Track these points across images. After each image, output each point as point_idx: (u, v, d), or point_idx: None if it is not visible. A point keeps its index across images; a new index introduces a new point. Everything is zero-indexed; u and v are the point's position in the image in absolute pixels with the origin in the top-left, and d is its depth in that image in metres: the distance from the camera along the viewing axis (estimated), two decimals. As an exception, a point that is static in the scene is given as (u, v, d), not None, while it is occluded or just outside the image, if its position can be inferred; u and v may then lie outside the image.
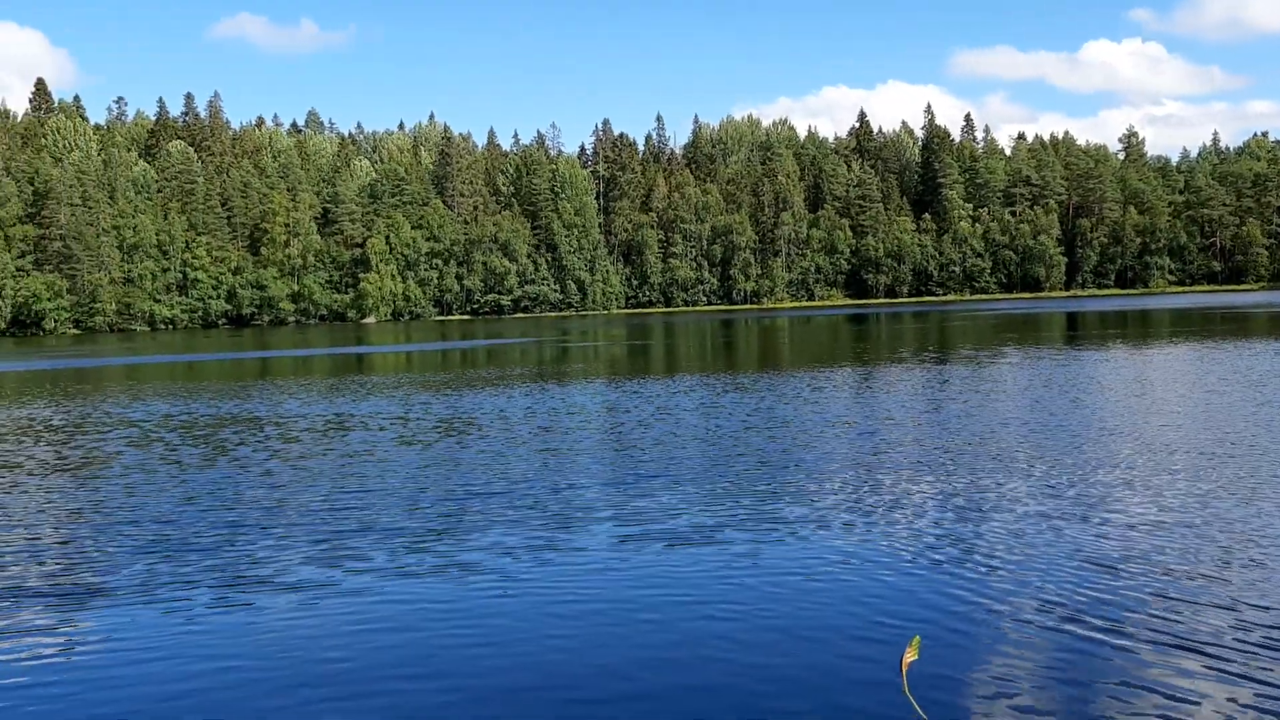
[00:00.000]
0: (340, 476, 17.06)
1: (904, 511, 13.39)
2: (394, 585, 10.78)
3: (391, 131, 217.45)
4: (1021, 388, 28.20)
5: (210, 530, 13.40)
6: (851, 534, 12.32)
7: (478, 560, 11.59)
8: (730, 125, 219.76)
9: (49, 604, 10.58)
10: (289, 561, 11.76)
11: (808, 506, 13.85)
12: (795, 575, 10.72)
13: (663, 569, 11.12)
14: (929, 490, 14.68)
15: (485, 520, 13.54)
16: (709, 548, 11.88)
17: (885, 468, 16.54)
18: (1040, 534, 11.97)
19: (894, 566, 10.93)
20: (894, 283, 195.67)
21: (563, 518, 13.56)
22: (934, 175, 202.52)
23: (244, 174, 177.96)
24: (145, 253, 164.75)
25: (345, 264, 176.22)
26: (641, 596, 10.19)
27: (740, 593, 10.19)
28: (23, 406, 32.97)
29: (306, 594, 10.52)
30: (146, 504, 15.38)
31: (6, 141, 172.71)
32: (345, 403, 30.43)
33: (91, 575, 11.54)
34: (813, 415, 23.40)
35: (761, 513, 13.56)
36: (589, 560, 11.51)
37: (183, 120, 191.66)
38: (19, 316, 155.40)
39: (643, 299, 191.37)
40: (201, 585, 10.94)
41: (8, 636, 9.60)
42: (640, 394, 30.15)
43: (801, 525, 12.81)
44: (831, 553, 11.53)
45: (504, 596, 10.30)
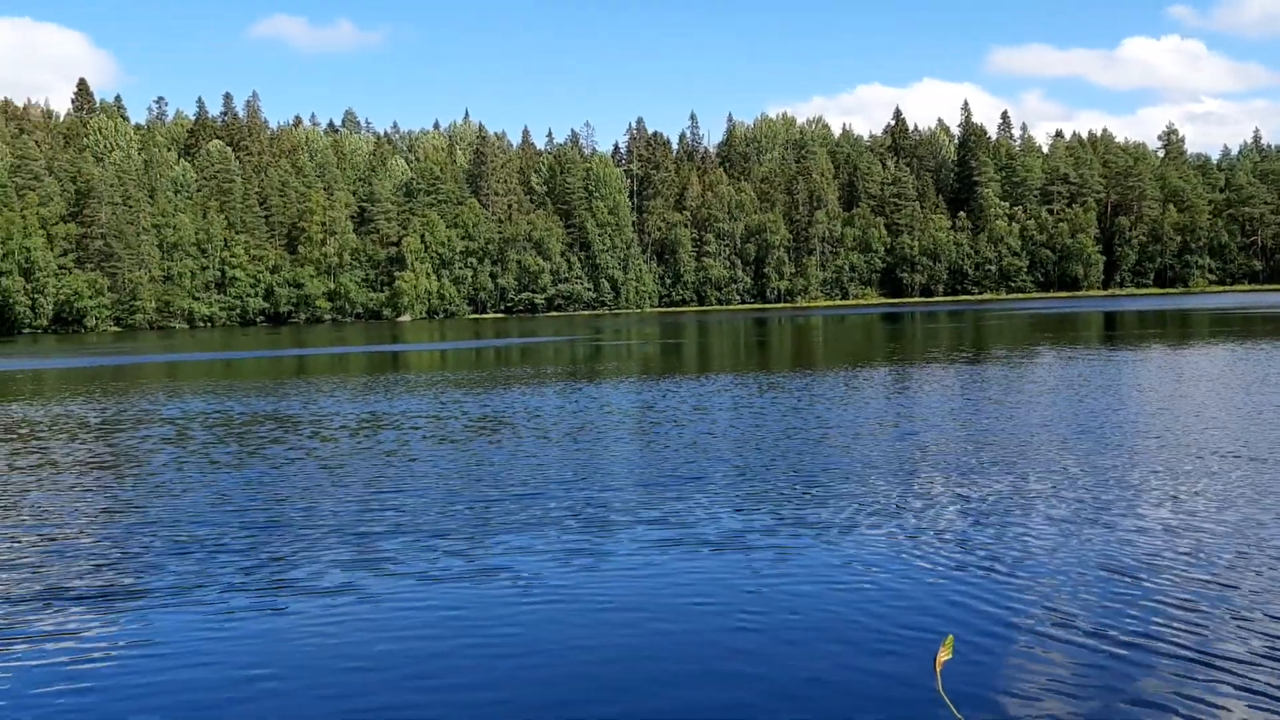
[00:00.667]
0: (374, 477, 17.08)
1: (937, 513, 13.38)
2: (424, 589, 10.69)
3: (427, 131, 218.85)
4: (1057, 389, 28.02)
5: (243, 531, 13.39)
6: (884, 536, 12.32)
7: (508, 565, 11.47)
8: (764, 123, 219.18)
9: (79, 606, 10.54)
10: (320, 564, 11.69)
11: (841, 508, 13.84)
12: (828, 577, 10.75)
13: (695, 573, 11.01)
14: (962, 493, 14.64)
15: (517, 523, 13.44)
16: (741, 550, 11.81)
17: (918, 470, 16.52)
18: (1075, 537, 11.94)
19: (928, 568, 10.94)
20: (929, 281, 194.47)
21: (594, 521, 13.47)
22: (970, 173, 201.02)
23: (281, 173, 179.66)
24: (184, 251, 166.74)
25: (381, 262, 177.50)
26: (674, 602, 10.08)
27: (773, 595, 10.19)
28: (61, 403, 33.52)
29: (337, 598, 10.45)
30: (180, 504, 15.44)
31: (49, 141, 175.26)
32: (380, 401, 30.72)
33: (123, 576, 11.54)
34: (846, 416, 23.37)
35: (794, 515, 13.51)
36: (621, 565, 11.40)
37: (221, 120, 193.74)
38: (61, 314, 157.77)
39: (676, 298, 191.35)
40: (232, 588, 10.91)
41: (33, 639, 9.61)
42: (673, 393, 30.22)
43: (834, 527, 12.81)
44: (864, 554, 11.54)
45: (535, 603, 10.17)
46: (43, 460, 20.64)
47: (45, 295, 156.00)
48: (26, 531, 13.93)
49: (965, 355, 42.98)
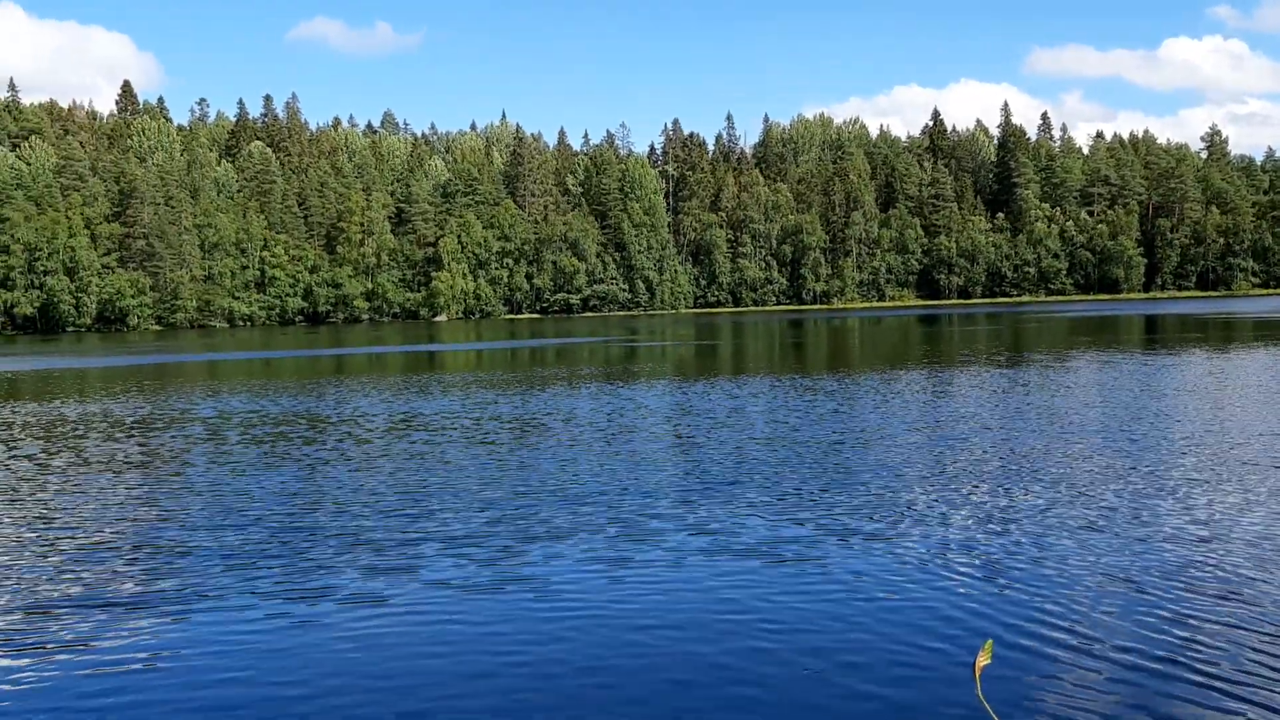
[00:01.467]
0: (407, 481, 17.06)
1: (974, 520, 13.32)
2: (455, 600, 10.52)
3: (464, 132, 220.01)
4: (1095, 395, 27.79)
5: (274, 537, 13.29)
6: (922, 541, 12.28)
7: (541, 575, 11.29)
8: (801, 124, 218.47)
9: (104, 612, 10.41)
10: (351, 573, 11.53)
11: (876, 514, 13.81)
12: (866, 582, 10.76)
13: (731, 582, 10.84)
14: (1000, 499, 14.57)
15: (550, 531, 13.23)
16: (777, 558, 11.74)
17: (954, 476, 16.46)
18: (1114, 545, 11.87)
19: (966, 574, 10.93)
20: (967, 283, 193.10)
21: (628, 529, 13.29)
22: (1009, 174, 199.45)
23: (321, 174, 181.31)
24: (225, 251, 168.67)
25: (418, 263, 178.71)
26: (709, 612, 9.95)
27: (809, 600, 10.18)
28: (101, 402, 34.05)
29: (367, 608, 10.30)
30: (212, 507, 15.35)
31: (94, 142, 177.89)
32: (416, 402, 30.96)
33: (153, 582, 11.42)
34: (881, 421, 23.31)
35: (830, 522, 13.46)
36: (654, 575, 11.23)
37: (262, 121, 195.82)
38: (104, 313, 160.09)
39: (711, 299, 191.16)
40: (261, 596, 10.77)
41: (57, 645, 9.54)
42: (708, 396, 30.23)
43: (870, 532, 12.79)
44: (901, 559, 11.53)
45: (568, 614, 9.99)
46: (78, 460, 20.92)
47: (89, 294, 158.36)
48: (60, 533, 14.01)
49: (1003, 359, 42.67)
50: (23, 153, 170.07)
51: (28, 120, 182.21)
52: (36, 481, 18.17)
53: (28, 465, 20.19)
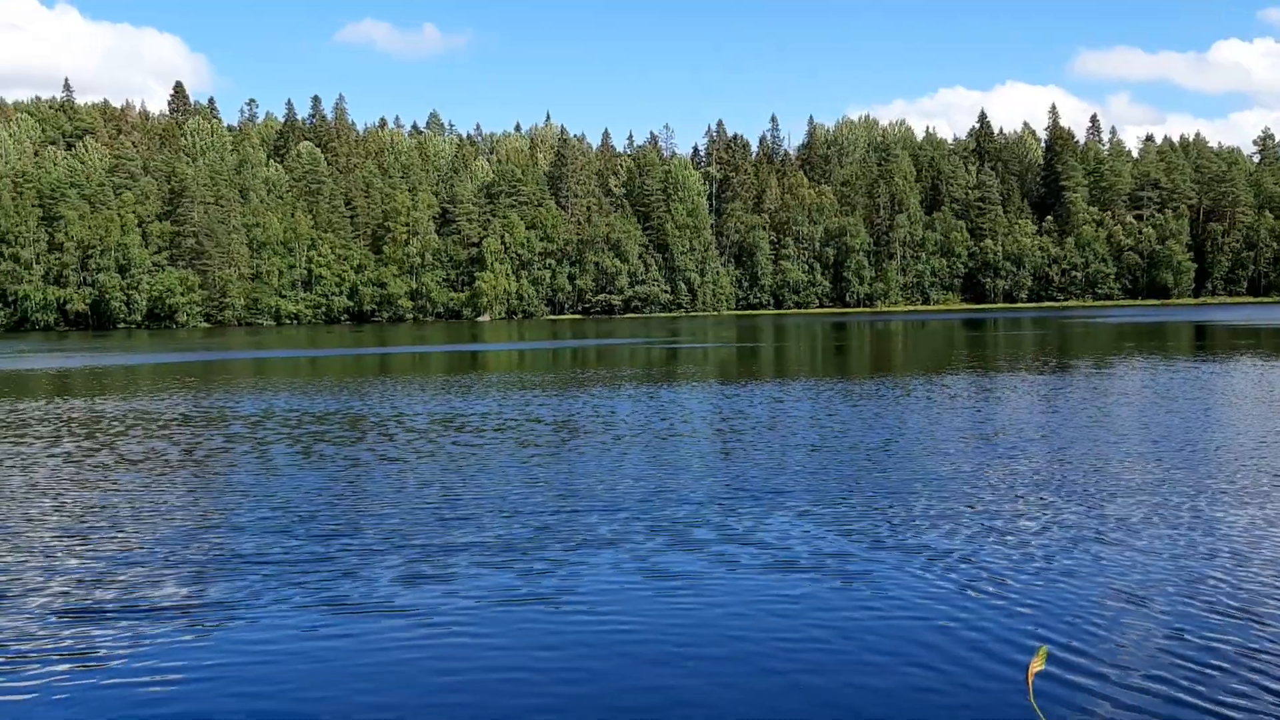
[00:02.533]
0: (447, 485, 16.89)
1: (1025, 528, 13.24)
2: (492, 609, 10.36)
3: (509, 133, 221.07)
4: (1143, 403, 27.47)
5: (310, 542, 13.13)
6: (970, 549, 12.22)
7: (577, 586, 11.11)
8: (846, 126, 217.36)
9: (141, 618, 10.31)
10: (387, 580, 11.39)
11: (923, 522, 13.72)
12: (913, 589, 10.76)
13: (775, 593, 10.70)
14: (1048, 507, 14.46)
15: (589, 539, 13.04)
16: (822, 568, 11.55)
17: (1000, 483, 16.35)
18: (1166, 553, 11.83)
19: (1015, 582, 10.94)
20: (1013, 287, 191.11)
21: (670, 537, 13.08)
22: (1056, 177, 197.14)
23: (367, 174, 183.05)
24: (273, 250, 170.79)
25: (462, 263, 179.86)
26: (754, 623, 9.80)
27: (857, 607, 10.12)
28: (148, 399, 34.62)
29: (402, 617, 10.15)
30: (253, 509, 15.32)
31: (146, 142, 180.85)
32: (458, 402, 31.21)
33: (190, 588, 11.31)
34: (926, 427, 23.19)
35: (874, 530, 13.33)
36: (697, 586, 11.01)
37: (309, 122, 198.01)
38: (154, 310, 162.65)
39: (753, 301, 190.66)
40: (297, 604, 10.62)
41: (82, 655, 9.43)
42: (750, 400, 30.21)
43: (917, 541, 12.66)
44: (950, 568, 11.52)
45: (605, 627, 9.79)
46: (119, 458, 21.16)
47: (140, 291, 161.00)
48: (97, 534, 13.93)
49: (1049, 365, 42.24)
50: (77, 152, 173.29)
51: (82, 120, 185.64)
52: (76, 480, 18.38)
53: (72, 463, 20.50)
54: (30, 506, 15.92)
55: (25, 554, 12.89)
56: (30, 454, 21.68)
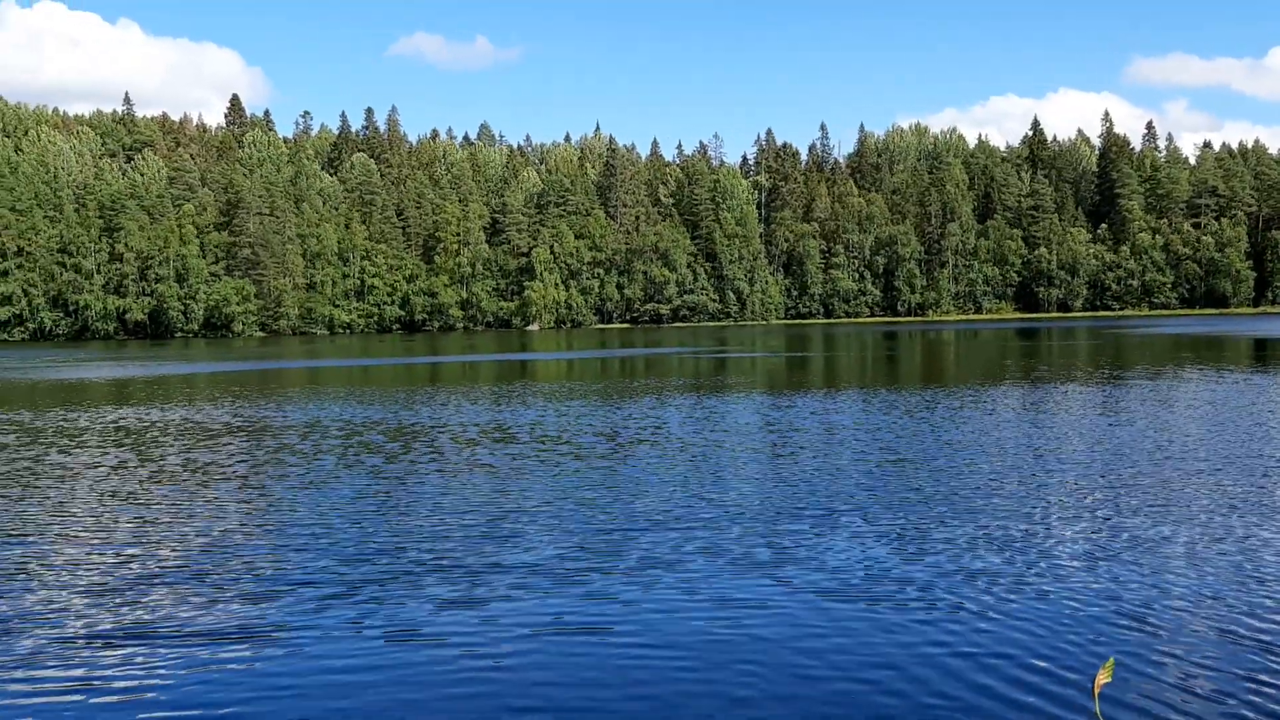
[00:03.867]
0: (496, 501, 16.59)
1: (1085, 541, 13.12)
2: (536, 634, 10.04)
3: (558, 143, 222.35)
4: (1204, 415, 27.03)
5: (355, 559, 12.93)
6: (1030, 566, 12.07)
7: (628, 611, 10.69)
8: (896, 134, 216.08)
9: (186, 639, 10.10)
10: (431, 601, 11.11)
11: (980, 538, 13.55)
12: (975, 601, 10.75)
13: (833, 616, 10.38)
14: (1107, 520, 14.30)
15: (638, 559, 12.65)
16: (879, 590, 11.22)
17: (1057, 498, 16.17)
18: (1232, 569, 11.70)
19: (1080, 595, 10.93)
20: (1067, 296, 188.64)
21: (721, 558, 12.63)
22: (1111, 185, 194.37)
23: (419, 185, 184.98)
24: (327, 260, 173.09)
25: (511, 272, 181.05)
26: (811, 653, 9.44)
27: (917, 633, 9.89)
28: (198, 408, 35.25)
29: (441, 644, 9.84)
30: (298, 524, 15.10)
31: (203, 154, 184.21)
32: (506, 412, 31.42)
33: (233, 608, 11.07)
34: (980, 440, 22.98)
35: (931, 548, 13.07)
36: (751, 612, 10.59)
37: (363, 134, 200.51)
38: (211, 319, 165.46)
39: (802, 310, 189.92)
40: (337, 626, 10.39)
41: (111, 675, 9.28)
42: (801, 411, 30.11)
43: (975, 558, 12.49)
44: (1012, 579, 11.48)
45: (653, 657, 9.39)
46: (163, 471, 21.27)
47: (197, 301, 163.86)
48: (132, 551, 13.75)
49: (1104, 376, 41.66)
50: (137, 164, 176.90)
51: (141, 133, 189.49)
52: (119, 493, 18.35)
53: (116, 475, 20.67)
54: (70, 520, 15.80)
55: (64, 570, 12.72)
56: (70, 464, 22.09)
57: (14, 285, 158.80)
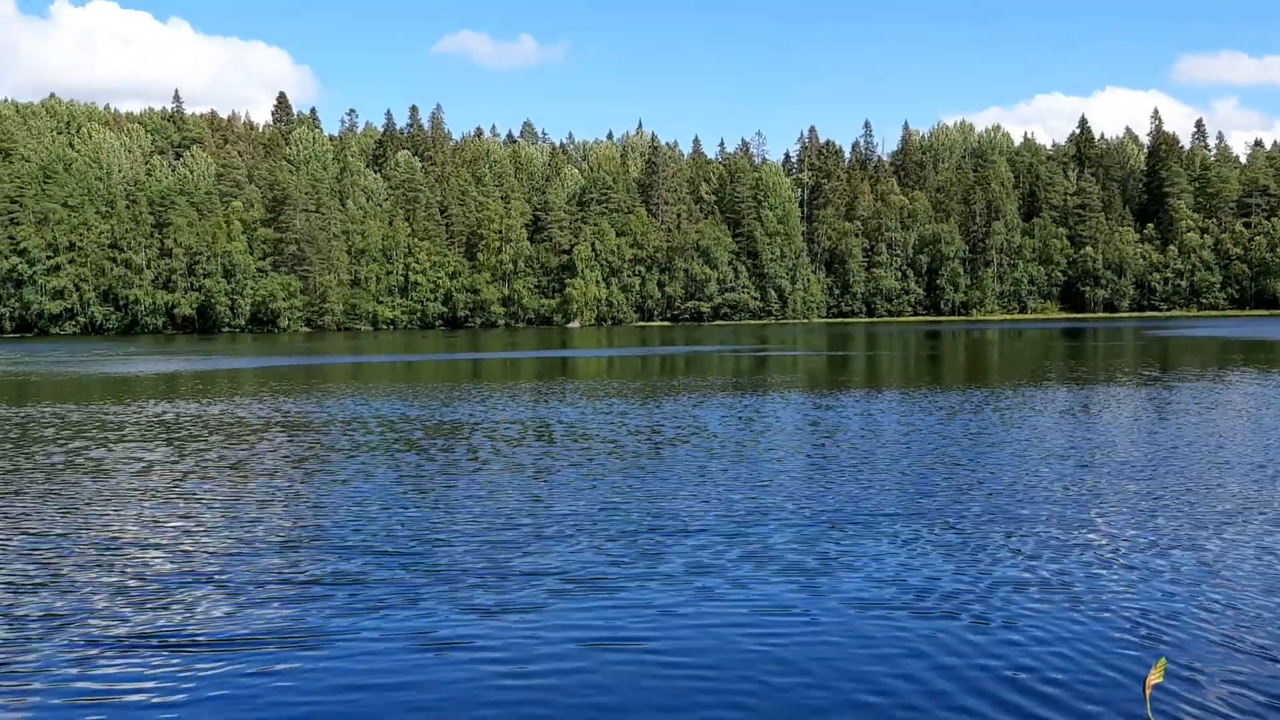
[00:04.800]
0: (533, 502, 16.35)
1: (1135, 547, 13.01)
2: (569, 646, 9.64)
3: (600, 141, 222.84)
4: (1258, 419, 26.70)
5: (388, 562, 12.62)
6: (1081, 570, 11.97)
7: (667, 622, 10.24)
8: (941, 132, 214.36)
9: (221, 644, 9.79)
10: (463, 606, 10.78)
11: (1031, 545, 13.35)
12: (1027, 601, 10.73)
13: (880, 629, 10.00)
14: (1158, 526, 14.16)
15: (677, 566, 12.22)
16: (926, 601, 10.89)
17: (1106, 499, 16.06)
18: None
19: (1133, 594, 10.94)
20: (1113, 296, 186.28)
21: (763, 566, 12.13)
22: (1160, 184, 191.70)
23: (462, 183, 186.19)
24: (371, 257, 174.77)
25: (553, 269, 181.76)
26: (859, 666, 9.11)
27: (967, 644, 9.62)
28: (243, 403, 35.75)
29: (476, 651, 9.54)
30: (333, 525, 14.87)
31: (251, 151, 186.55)
32: (549, 410, 31.59)
33: (256, 610, 10.77)
34: (1026, 442, 22.77)
35: (976, 551, 12.83)
36: (795, 624, 10.17)
37: (407, 131, 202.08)
38: (257, 314, 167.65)
39: (844, 308, 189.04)
40: (368, 632, 10.07)
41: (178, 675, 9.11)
42: (844, 411, 29.99)
43: (1024, 566, 12.30)
44: (1069, 597, 11.31)
45: (698, 671, 9.03)
46: (200, 467, 21.46)
47: (244, 296, 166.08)
48: (165, 550, 13.56)
49: (1151, 378, 41.16)
50: (186, 161, 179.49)
51: (190, 130, 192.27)
52: (154, 491, 18.33)
53: (154, 472, 20.79)
54: (104, 518, 15.65)
55: (95, 571, 12.48)
56: (107, 460, 22.42)
57: (66, 280, 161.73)
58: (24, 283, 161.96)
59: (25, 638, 10.07)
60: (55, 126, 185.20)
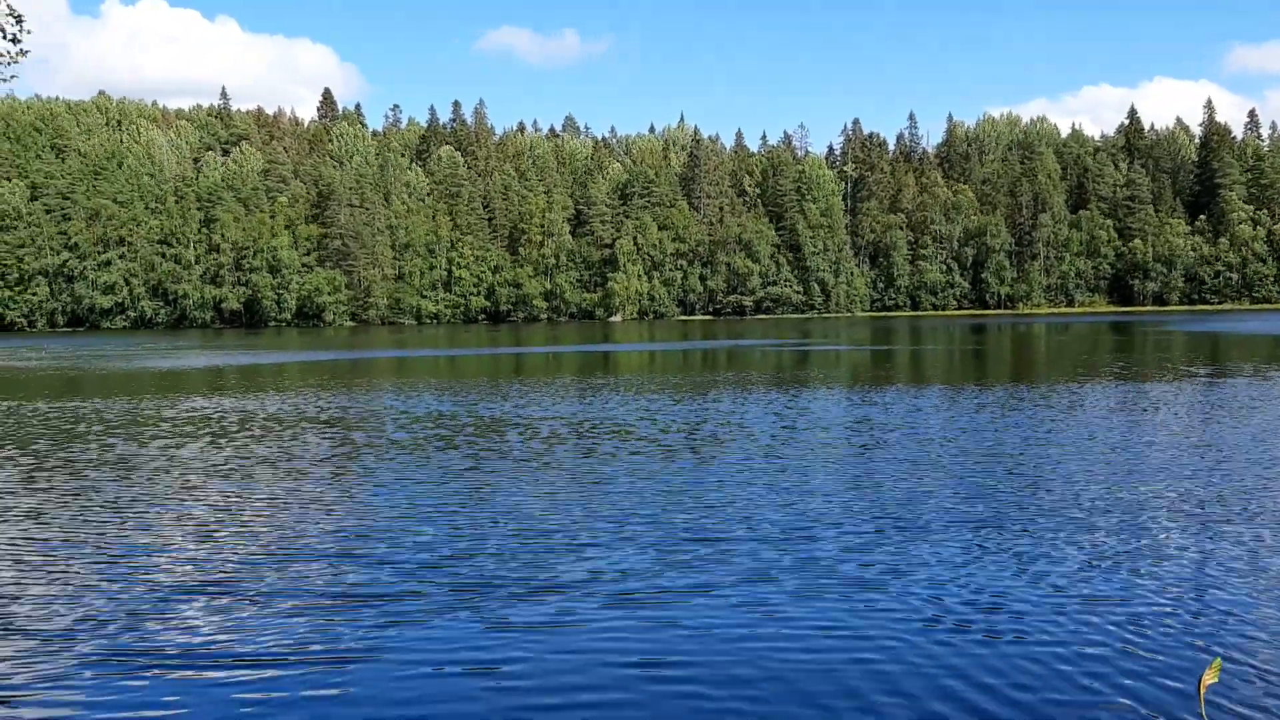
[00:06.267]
0: (572, 503, 16.09)
1: (1184, 548, 12.79)
2: (611, 666, 9.18)
3: (642, 134, 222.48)
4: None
5: (421, 567, 12.33)
6: (1132, 576, 11.72)
7: (709, 640, 9.74)
8: (987, 123, 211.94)
9: (266, 659, 9.50)
10: (499, 620, 10.37)
11: (1080, 551, 13.13)
12: (1075, 605, 10.59)
13: (932, 644, 9.58)
14: (1207, 527, 13.90)
15: (719, 576, 11.69)
16: (992, 610, 10.45)
17: (1158, 498, 15.79)
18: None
19: (1185, 594, 10.82)
20: (1162, 289, 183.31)
21: (810, 577, 11.61)
22: (1212, 175, 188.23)
23: (505, 177, 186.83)
24: (415, 251, 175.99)
25: (595, 264, 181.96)
26: (915, 684, 8.68)
27: (1019, 653, 9.42)
28: (288, 398, 36.07)
29: (515, 665, 9.15)
30: (371, 528, 14.51)
31: (296, 147, 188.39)
32: (589, 406, 31.56)
33: (292, 628, 10.20)
34: (1082, 442, 22.43)
35: (1037, 562, 12.23)
36: (842, 640, 9.70)
37: (450, 127, 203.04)
38: (303, 308, 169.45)
39: (888, 302, 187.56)
40: (404, 645, 9.70)
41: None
42: (887, 409, 29.70)
43: (1086, 570, 12.04)
44: (1115, 581, 11.33)
45: (743, 694, 8.53)
46: (238, 464, 21.52)
47: (289, 291, 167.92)
48: (195, 555, 13.42)
49: (1204, 373, 40.42)
50: (234, 158, 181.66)
51: (237, 127, 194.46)
52: (193, 489, 18.37)
53: (193, 470, 20.98)
54: (131, 520, 15.43)
55: (117, 580, 12.11)
56: (140, 456, 22.65)
57: (116, 275, 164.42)
58: (75, 278, 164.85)
59: (37, 651, 9.72)
60: (106, 123, 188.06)
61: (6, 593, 11.60)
